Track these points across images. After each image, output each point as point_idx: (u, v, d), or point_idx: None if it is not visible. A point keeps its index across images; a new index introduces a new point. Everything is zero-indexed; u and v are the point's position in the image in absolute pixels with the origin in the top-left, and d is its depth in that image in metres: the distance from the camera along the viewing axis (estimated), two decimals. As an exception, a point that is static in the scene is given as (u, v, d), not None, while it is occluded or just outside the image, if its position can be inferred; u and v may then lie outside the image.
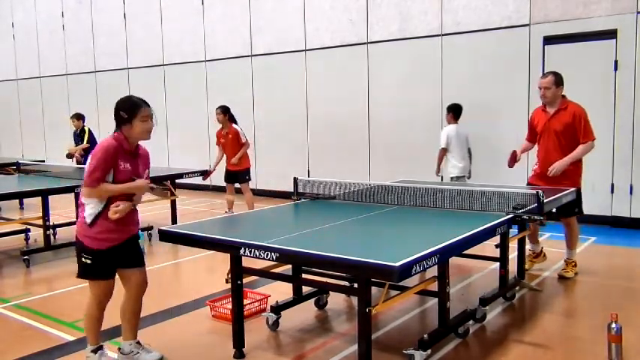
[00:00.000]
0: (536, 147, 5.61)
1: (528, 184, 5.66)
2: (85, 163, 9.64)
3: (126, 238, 3.49)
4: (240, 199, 8.30)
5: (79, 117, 10.18)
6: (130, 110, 3.40)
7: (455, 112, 7.71)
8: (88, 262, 3.38)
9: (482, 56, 8.47)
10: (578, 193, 5.27)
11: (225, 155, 8.31)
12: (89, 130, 10.09)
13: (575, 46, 7.73)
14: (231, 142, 8.13)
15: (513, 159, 5.57)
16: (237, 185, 8.31)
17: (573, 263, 5.51)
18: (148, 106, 3.48)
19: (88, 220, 3.35)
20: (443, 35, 8.80)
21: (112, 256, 3.42)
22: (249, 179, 8.32)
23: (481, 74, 8.50)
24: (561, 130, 5.23)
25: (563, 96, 5.33)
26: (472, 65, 8.57)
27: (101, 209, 3.35)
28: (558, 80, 5.26)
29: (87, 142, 9.93)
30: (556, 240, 6.82)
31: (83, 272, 3.44)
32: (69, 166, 8.75)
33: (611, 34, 7.44)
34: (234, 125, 8.14)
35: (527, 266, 5.46)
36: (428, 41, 8.93)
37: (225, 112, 8.13)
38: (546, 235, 6.95)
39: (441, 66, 8.84)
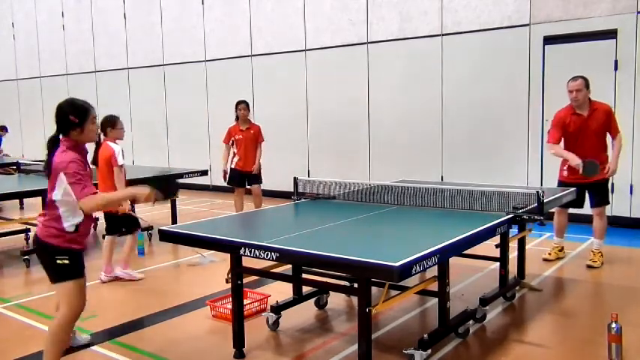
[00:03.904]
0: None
1: (560, 182, 5.81)
2: None
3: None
4: (247, 199, 8.06)
5: None
6: (82, 114, 3.25)
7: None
8: (66, 262, 3.22)
9: (483, 56, 8.48)
10: (607, 184, 5.78)
11: (236, 153, 7.76)
12: None
13: (575, 46, 7.73)
14: (252, 138, 7.71)
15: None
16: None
17: (600, 253, 5.80)
18: (92, 106, 3.37)
19: (71, 230, 3.23)
20: (443, 35, 8.80)
21: (81, 255, 3.35)
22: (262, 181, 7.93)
23: (481, 74, 8.50)
24: (599, 129, 5.62)
25: (589, 97, 5.65)
26: (472, 65, 8.58)
27: (82, 219, 3.27)
28: (587, 83, 5.61)
29: None
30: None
31: (63, 274, 3.24)
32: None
33: (611, 34, 7.44)
34: (255, 122, 7.83)
35: (551, 257, 5.98)
36: (428, 41, 8.93)
37: (249, 108, 7.83)
38: (546, 235, 6.95)
39: (441, 66, 8.84)
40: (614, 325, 3.49)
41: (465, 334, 3.97)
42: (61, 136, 3.28)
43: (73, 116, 3.24)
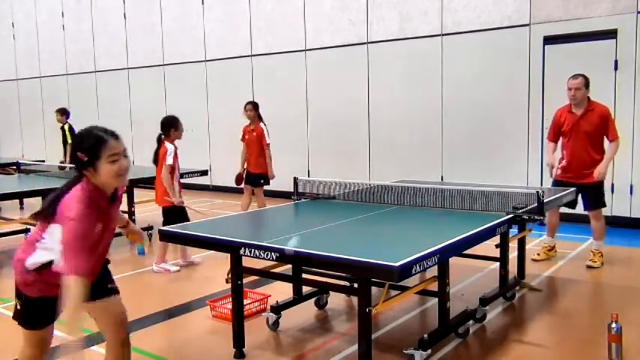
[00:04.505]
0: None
1: (555, 180, 5.82)
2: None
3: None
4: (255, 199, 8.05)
5: (62, 112, 10.21)
6: (92, 149, 2.49)
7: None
8: (18, 306, 2.74)
9: (483, 56, 8.48)
10: (602, 187, 5.67)
11: (247, 154, 7.79)
12: (69, 128, 10.05)
13: (575, 46, 7.72)
14: (255, 140, 7.64)
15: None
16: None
17: (600, 253, 5.78)
18: (117, 138, 2.56)
19: (31, 268, 2.60)
20: (443, 35, 8.80)
21: (46, 304, 2.67)
22: (264, 184, 7.77)
23: (481, 74, 8.50)
24: (591, 130, 5.55)
25: (588, 97, 5.61)
26: (472, 65, 8.57)
27: (53, 263, 2.58)
28: (587, 82, 5.57)
29: (69, 141, 10.02)
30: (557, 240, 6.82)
31: (14, 315, 2.79)
32: (69, 166, 8.74)
33: (611, 34, 7.44)
34: (261, 124, 7.74)
35: (540, 257, 5.97)
36: (428, 41, 8.93)
37: (256, 108, 7.73)
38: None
39: (441, 66, 8.84)
40: (614, 325, 3.49)
41: (465, 334, 3.97)
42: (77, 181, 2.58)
43: (80, 152, 2.51)
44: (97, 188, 2.55)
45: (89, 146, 2.50)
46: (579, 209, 5.76)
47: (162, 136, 5.95)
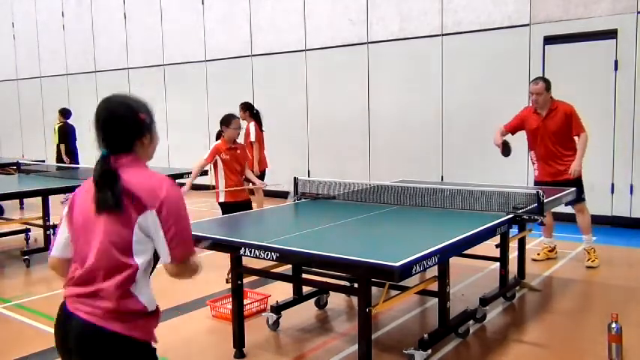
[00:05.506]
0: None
1: (535, 182, 5.88)
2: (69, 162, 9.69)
3: None
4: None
5: (60, 112, 10.29)
6: (149, 110, 2.05)
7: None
8: None
9: (482, 56, 8.47)
10: (581, 180, 5.67)
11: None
12: (60, 127, 10.12)
13: (575, 46, 7.72)
14: (245, 139, 7.78)
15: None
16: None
17: (593, 249, 5.79)
18: None
19: (153, 307, 1.95)
20: (443, 35, 8.80)
21: None
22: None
23: (481, 74, 8.50)
24: (556, 129, 5.61)
25: (551, 97, 5.66)
26: (472, 65, 8.57)
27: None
28: (548, 85, 5.61)
29: (57, 141, 10.14)
30: (557, 240, 6.82)
31: None
32: (69, 166, 8.75)
33: (611, 34, 7.44)
34: (251, 123, 7.82)
35: (540, 257, 5.99)
36: (428, 41, 8.93)
37: (245, 109, 7.88)
38: (546, 235, 6.94)
39: (441, 66, 8.84)
40: (614, 325, 3.49)
41: (465, 334, 3.97)
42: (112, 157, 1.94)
43: (143, 113, 2.00)
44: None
45: (147, 107, 2.04)
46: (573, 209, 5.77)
47: (222, 134, 5.98)
